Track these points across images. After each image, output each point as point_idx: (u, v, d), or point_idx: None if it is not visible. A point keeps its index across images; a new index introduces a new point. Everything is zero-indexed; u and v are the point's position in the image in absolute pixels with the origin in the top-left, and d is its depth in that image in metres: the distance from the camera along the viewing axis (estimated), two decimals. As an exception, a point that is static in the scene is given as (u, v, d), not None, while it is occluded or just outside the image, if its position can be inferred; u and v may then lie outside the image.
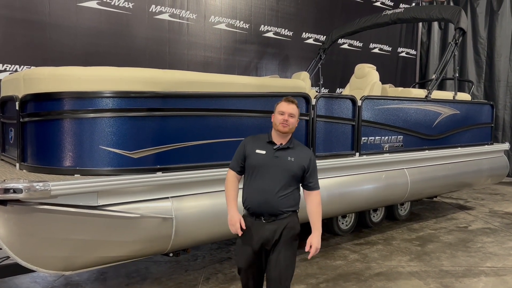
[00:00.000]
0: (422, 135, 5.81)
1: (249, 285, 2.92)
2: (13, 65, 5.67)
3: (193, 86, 3.61)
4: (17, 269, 3.25)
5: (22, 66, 5.70)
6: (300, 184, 2.90)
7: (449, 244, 5.52)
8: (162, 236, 3.47)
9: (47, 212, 2.97)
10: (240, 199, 2.88)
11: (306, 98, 4.38)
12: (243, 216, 2.83)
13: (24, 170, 3.41)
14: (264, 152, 2.79)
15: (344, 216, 5.82)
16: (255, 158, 2.79)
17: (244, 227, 2.73)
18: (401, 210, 6.67)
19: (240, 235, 2.76)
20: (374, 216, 6.23)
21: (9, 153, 3.92)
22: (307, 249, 2.75)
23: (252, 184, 2.80)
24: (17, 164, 3.51)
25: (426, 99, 5.80)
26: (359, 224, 6.05)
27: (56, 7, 5.95)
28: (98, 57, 6.27)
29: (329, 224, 5.70)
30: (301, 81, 4.49)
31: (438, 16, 6.66)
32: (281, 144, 2.82)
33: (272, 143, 2.83)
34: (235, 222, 2.73)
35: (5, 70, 5.58)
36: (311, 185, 2.85)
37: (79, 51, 6.19)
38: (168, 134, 3.47)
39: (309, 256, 2.74)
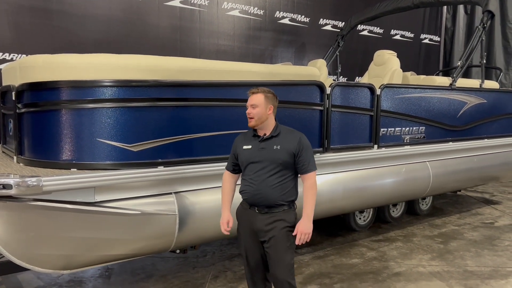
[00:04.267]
0: (445, 126, 5.45)
1: (251, 275, 2.89)
2: (20, 55, 5.55)
3: (197, 74, 3.38)
4: (15, 267, 3.10)
5: (28, 56, 5.57)
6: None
7: (474, 242, 5.19)
8: (164, 234, 3.28)
9: (41, 208, 2.81)
10: (237, 193, 2.93)
11: (320, 86, 4.10)
12: (240, 204, 2.90)
13: (21, 164, 3.25)
14: (250, 146, 2.79)
15: (361, 211, 5.55)
16: (243, 154, 2.80)
17: (229, 228, 2.81)
18: (423, 204, 6.35)
19: (226, 233, 2.85)
20: (393, 211, 5.92)
21: (9, 146, 3.78)
22: (294, 233, 2.70)
23: (245, 177, 2.82)
24: (15, 157, 3.36)
25: (451, 88, 5.43)
26: (378, 219, 5.77)
27: (64, -6, 5.78)
28: (107, 46, 6.08)
29: (345, 219, 5.44)
30: (315, 69, 4.20)
31: (465, -2, 6.23)
32: (264, 134, 2.78)
33: (257, 136, 2.81)
34: (223, 223, 2.84)
35: (11, 60, 5.46)
36: (304, 168, 2.75)
37: (88, 40, 6.02)
38: (171, 125, 3.25)
39: (296, 241, 2.68)
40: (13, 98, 3.28)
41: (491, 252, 4.84)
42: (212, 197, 3.47)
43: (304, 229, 2.66)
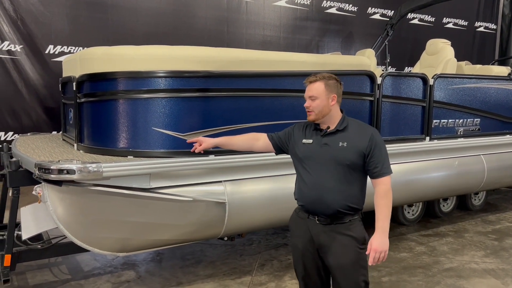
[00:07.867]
0: (502, 118, 5.20)
1: None
2: (77, 47, 5.80)
3: (248, 64, 3.41)
4: (74, 248, 3.29)
5: (85, 48, 5.82)
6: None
7: (532, 240, 4.95)
8: (215, 221, 3.37)
9: (100, 193, 2.96)
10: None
11: (370, 76, 4.02)
12: (295, 211, 2.45)
13: (81, 151, 3.43)
14: (311, 141, 2.33)
15: (410, 205, 5.42)
16: (301, 149, 2.36)
17: (198, 147, 2.69)
18: (475, 199, 6.10)
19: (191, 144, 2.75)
20: (444, 206, 5.74)
21: (69, 134, 3.99)
22: (367, 251, 2.23)
23: (303, 178, 2.35)
24: (75, 145, 3.55)
25: (509, 78, 5.17)
26: (427, 213, 5.61)
27: (117, -12, 5.98)
28: (158, 37, 6.26)
29: (394, 212, 5.32)
30: (365, 58, 4.14)
31: (526, -17, 5.87)
32: (327, 128, 2.32)
33: (319, 129, 2.35)
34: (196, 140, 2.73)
35: (69, 52, 5.73)
36: (376, 171, 2.26)
37: (140, 32, 6.22)
38: (222, 115, 3.31)
39: (369, 262, 2.21)
40: (74, 89, 3.45)
41: (550, 251, 4.60)
42: (261, 186, 3.52)
43: (379, 247, 2.18)
